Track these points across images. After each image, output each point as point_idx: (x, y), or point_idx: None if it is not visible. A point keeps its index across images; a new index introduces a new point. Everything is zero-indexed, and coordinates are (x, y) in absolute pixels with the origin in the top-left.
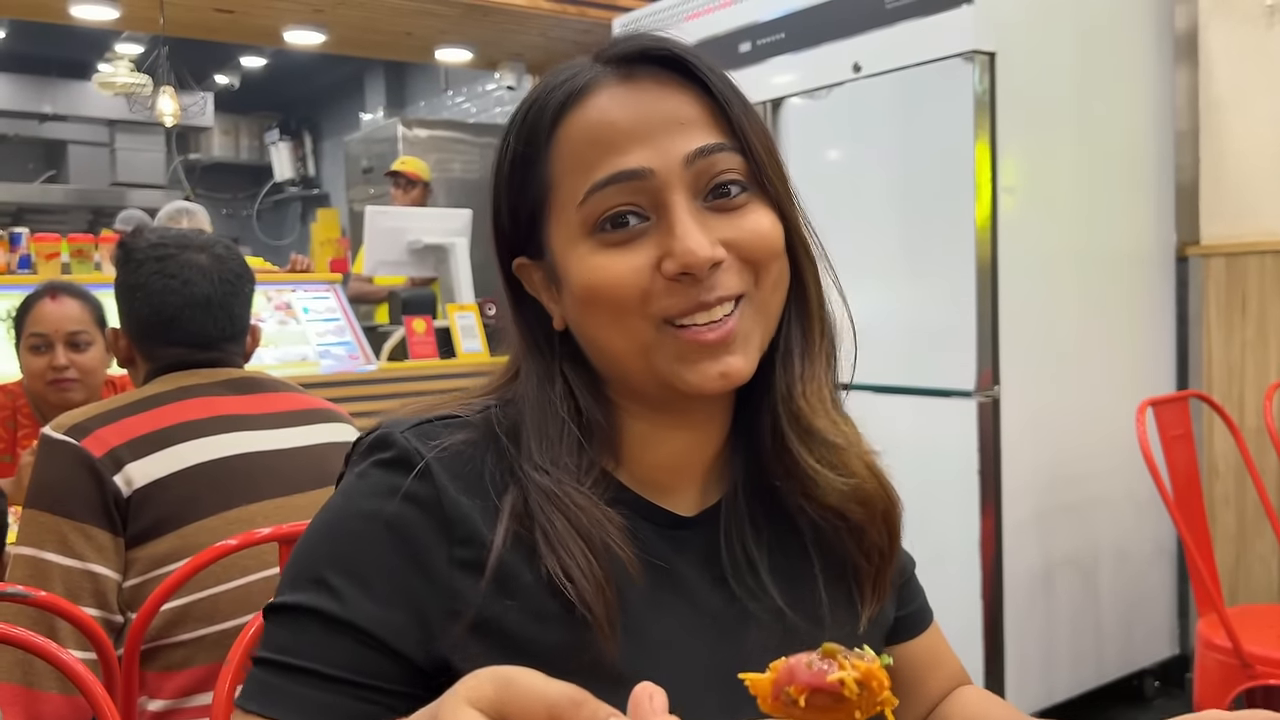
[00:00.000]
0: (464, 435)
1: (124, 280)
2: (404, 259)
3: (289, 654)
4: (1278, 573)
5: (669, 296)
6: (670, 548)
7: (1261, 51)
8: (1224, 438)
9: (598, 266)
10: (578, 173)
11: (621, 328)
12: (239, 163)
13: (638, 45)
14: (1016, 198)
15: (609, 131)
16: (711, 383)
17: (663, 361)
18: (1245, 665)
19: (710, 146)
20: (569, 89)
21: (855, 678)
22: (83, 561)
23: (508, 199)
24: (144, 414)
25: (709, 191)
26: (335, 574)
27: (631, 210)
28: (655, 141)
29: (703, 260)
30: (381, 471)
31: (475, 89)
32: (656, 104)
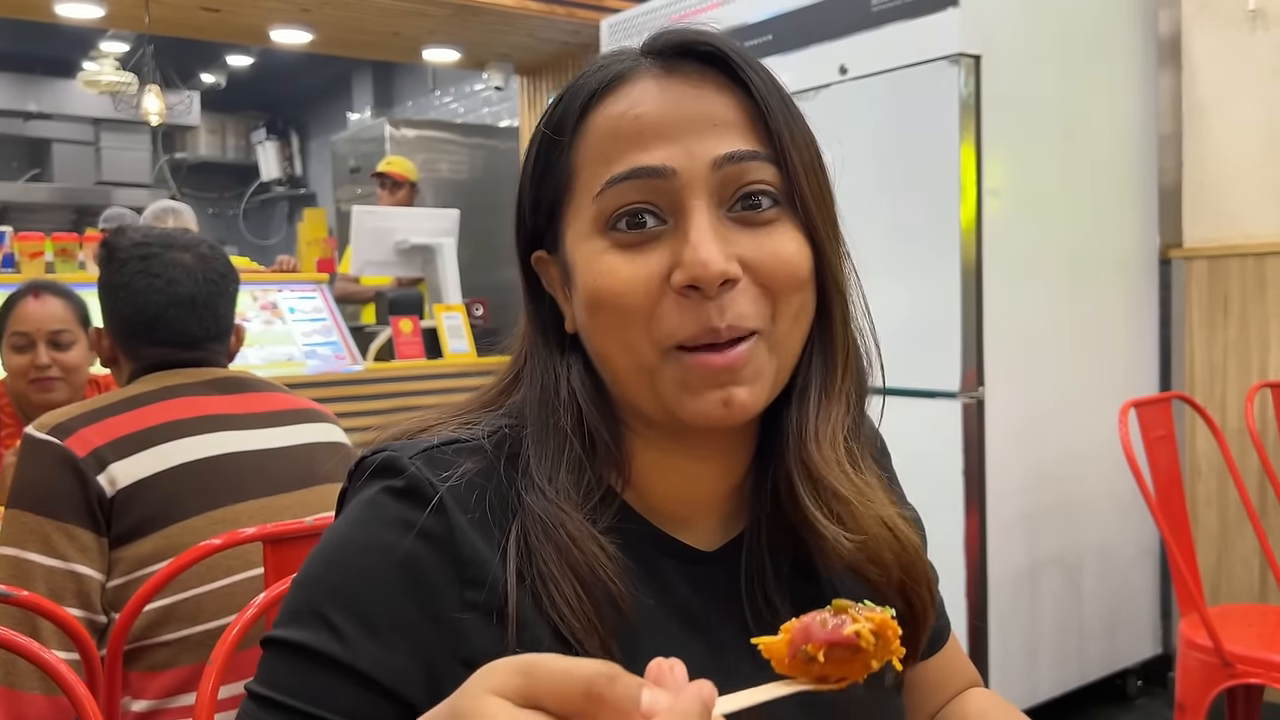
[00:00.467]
0: (473, 463)
1: (107, 280)
2: (391, 259)
3: (287, 694)
4: (1259, 573)
5: (678, 316)
6: (686, 582)
7: (1244, 56)
8: (1206, 439)
9: (606, 269)
10: (598, 163)
11: (623, 342)
12: (225, 162)
13: (681, 38)
14: (1001, 200)
15: (636, 124)
16: (714, 412)
17: (666, 387)
18: (1226, 664)
19: (742, 153)
20: (603, 77)
21: (870, 629)
22: (66, 562)
23: (531, 187)
24: (127, 414)
25: (735, 201)
26: (339, 612)
27: (648, 209)
28: (683, 140)
29: (714, 275)
30: (391, 501)
31: (463, 89)
32: (691, 101)
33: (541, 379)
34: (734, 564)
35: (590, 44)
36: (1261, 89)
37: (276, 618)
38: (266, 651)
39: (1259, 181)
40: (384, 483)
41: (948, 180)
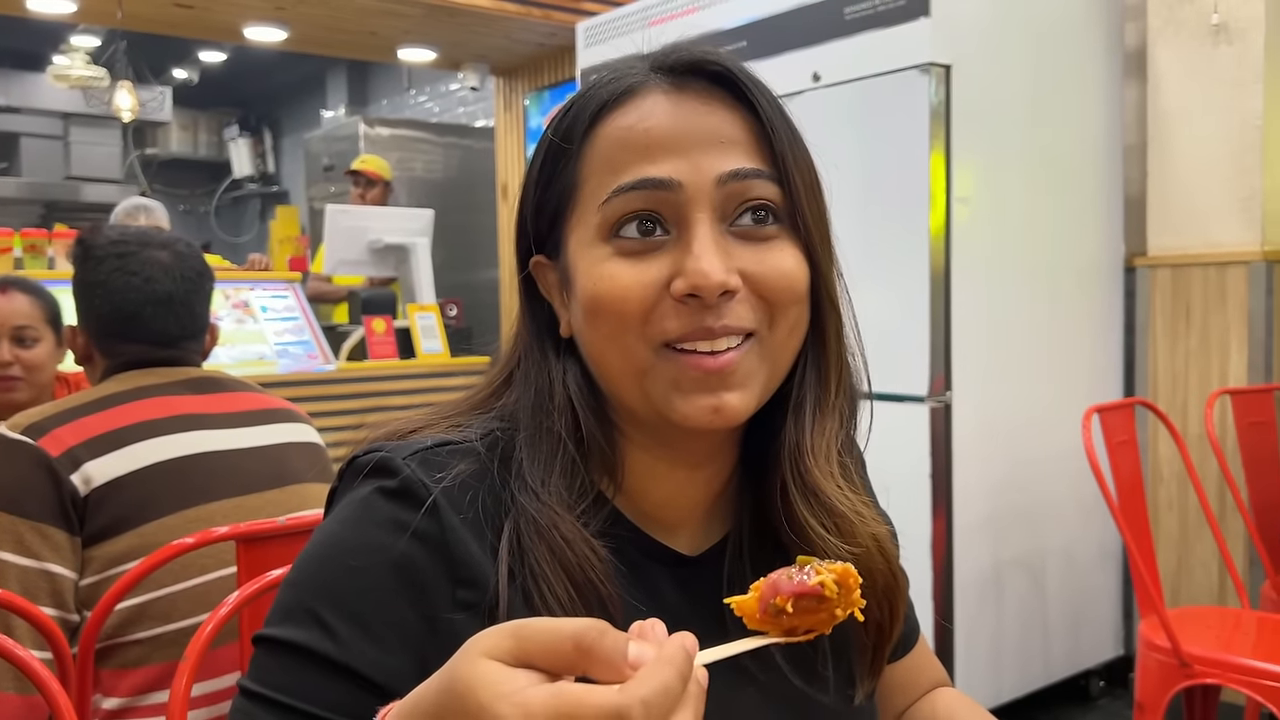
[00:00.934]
0: (466, 465)
1: (83, 277)
2: (364, 258)
3: (281, 691)
4: (1217, 576)
5: (674, 318)
6: (673, 586)
7: (1208, 69)
8: (1167, 444)
9: (607, 274)
10: (606, 173)
11: (620, 345)
12: (197, 159)
13: (692, 56)
14: (970, 208)
15: (645, 137)
16: (703, 416)
17: (657, 388)
18: (1184, 665)
19: (746, 171)
20: (614, 89)
21: (833, 579)
22: (39, 561)
23: (535, 192)
24: (101, 413)
25: (737, 216)
26: (332, 612)
27: (652, 218)
28: (690, 155)
29: (714, 284)
30: (385, 502)
31: (438, 89)
32: (699, 118)
33: (536, 382)
34: (717, 568)
35: (566, 46)
36: (1224, 101)
37: (268, 615)
38: (259, 649)
39: (1221, 192)
40: (377, 483)
41: (917, 188)
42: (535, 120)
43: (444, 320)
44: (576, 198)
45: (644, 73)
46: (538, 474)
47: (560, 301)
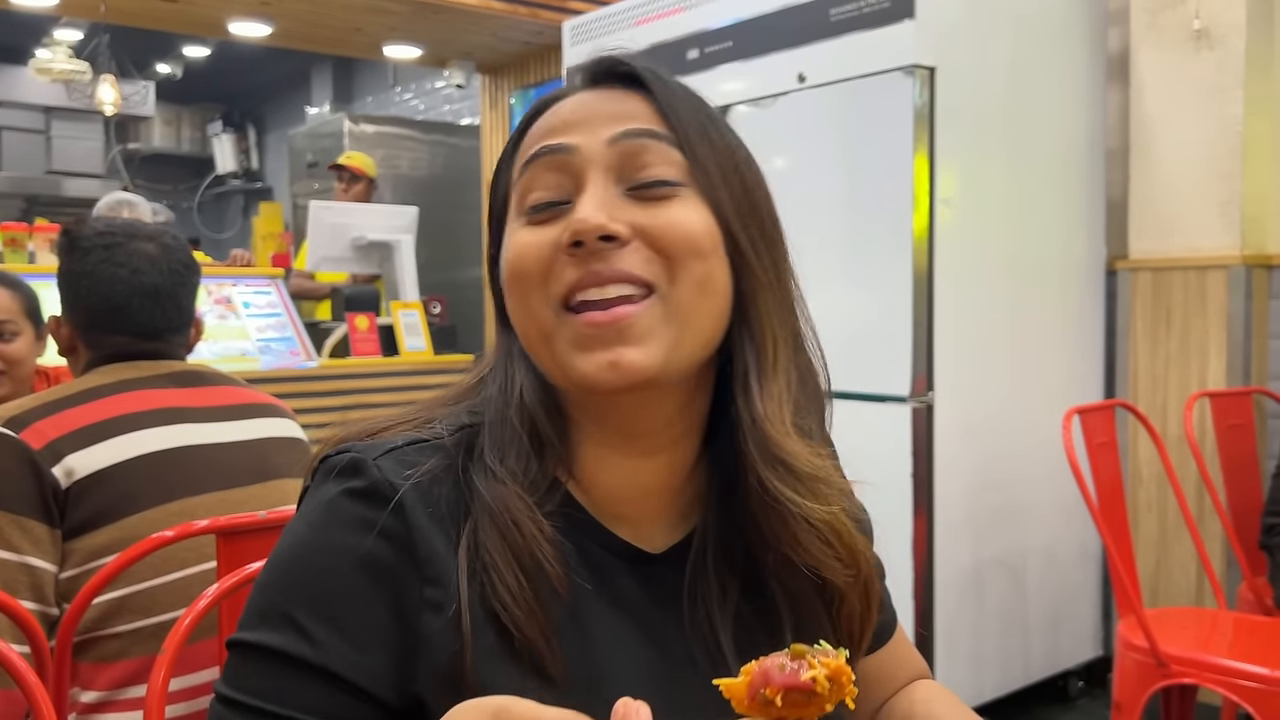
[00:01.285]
0: (435, 462)
1: (69, 268)
2: (348, 255)
3: (259, 697)
4: (1195, 577)
5: (568, 270)
6: (634, 582)
7: (1189, 74)
8: (1147, 446)
9: (515, 244)
10: (521, 160)
11: (529, 311)
12: (180, 154)
13: (602, 59)
14: (953, 209)
15: (553, 120)
16: (601, 372)
17: (560, 349)
18: (1161, 665)
19: (637, 130)
20: (545, 99)
21: (826, 674)
22: (19, 555)
23: (494, 197)
24: (83, 406)
25: (635, 184)
26: (307, 615)
27: (555, 196)
28: (586, 126)
29: (592, 226)
30: (352, 502)
31: (424, 86)
32: (603, 103)
33: (499, 378)
34: (680, 565)
35: (553, 45)
36: (1205, 106)
37: (241, 619)
38: (233, 654)
39: (1202, 196)
40: (345, 484)
41: (901, 189)
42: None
43: (428, 318)
44: (510, 195)
45: (571, 81)
46: (496, 456)
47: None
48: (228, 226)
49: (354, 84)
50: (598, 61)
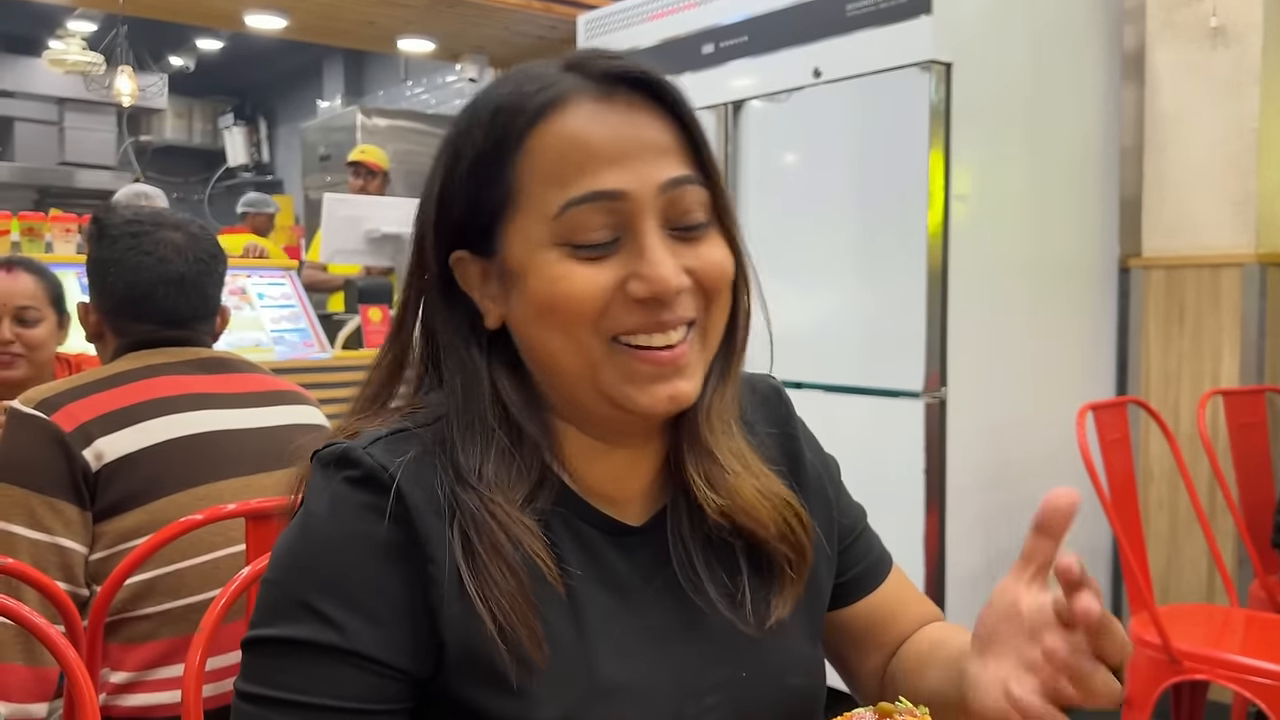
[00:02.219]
0: (416, 449)
1: (98, 255)
2: (361, 247)
3: (292, 690)
4: (1206, 574)
5: (628, 315)
6: (619, 554)
7: (1205, 72)
8: (1159, 443)
9: (561, 276)
10: (552, 185)
11: (572, 342)
12: (191, 146)
13: (617, 66)
14: (968, 206)
15: (586, 149)
16: (661, 405)
17: (611, 381)
18: (1173, 661)
19: (684, 178)
20: (545, 98)
21: None
22: (50, 535)
23: (464, 193)
24: (113, 390)
25: (678, 226)
26: (327, 603)
27: (605, 236)
28: (631, 165)
29: (674, 289)
30: (352, 490)
31: (435, 80)
32: (634, 128)
33: (461, 376)
34: (659, 535)
35: (567, 39)
36: (1220, 104)
37: (256, 618)
38: (253, 651)
39: (1216, 195)
40: (343, 473)
41: (916, 185)
42: None
43: None
44: (517, 203)
45: (566, 80)
46: (473, 464)
47: (487, 295)
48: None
49: (365, 77)
50: (611, 70)
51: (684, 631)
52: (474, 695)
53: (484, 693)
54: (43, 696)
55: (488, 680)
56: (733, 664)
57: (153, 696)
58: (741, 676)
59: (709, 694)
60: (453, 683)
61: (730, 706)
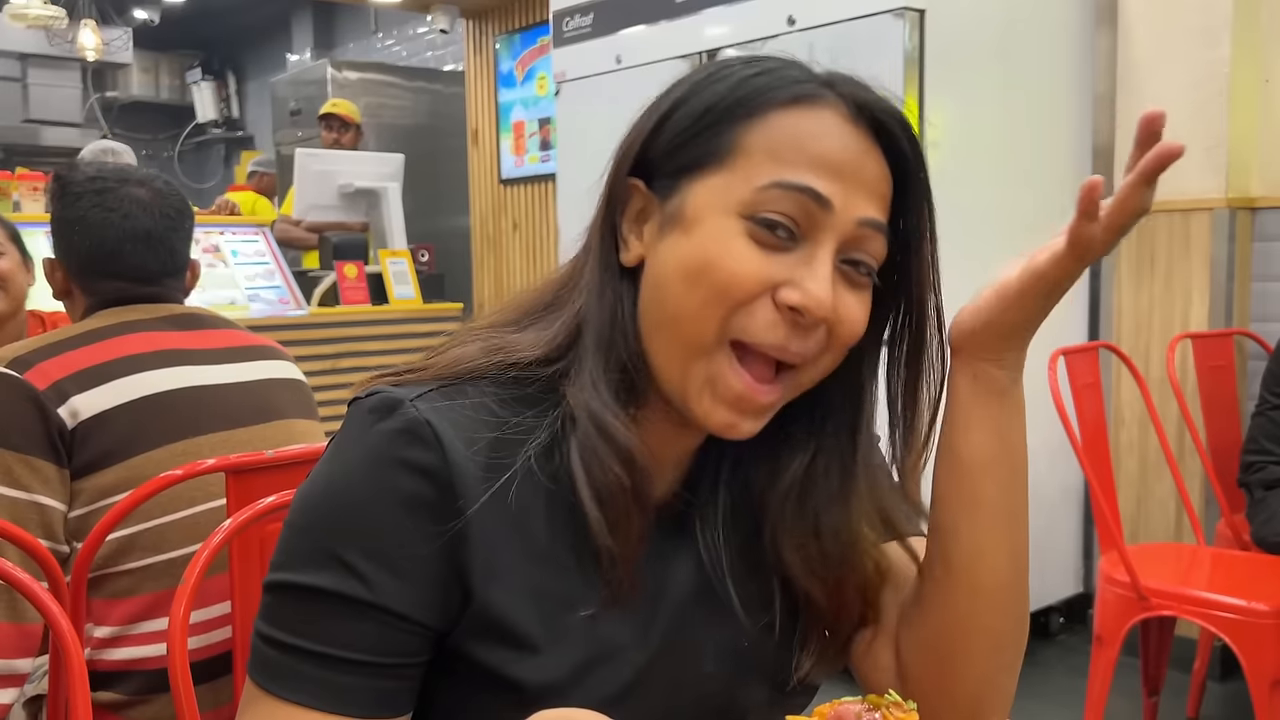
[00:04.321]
0: (480, 397)
1: (61, 214)
2: (335, 203)
3: (316, 640)
4: (1175, 515)
5: (763, 319)
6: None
7: (1177, 17)
8: (1130, 387)
9: (735, 250)
10: (773, 160)
11: (701, 315)
12: (159, 102)
13: (878, 102)
14: (942, 153)
15: (818, 148)
16: (718, 426)
17: (698, 374)
18: (1142, 598)
19: (881, 224)
20: (805, 90)
21: None
22: (29, 493)
23: (682, 131)
24: (86, 348)
25: (848, 259)
26: (356, 555)
27: (790, 225)
28: (847, 186)
29: (824, 312)
30: (391, 442)
31: (405, 32)
32: (867, 159)
33: (611, 291)
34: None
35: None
36: (1192, 51)
37: (279, 560)
38: (277, 595)
39: (1187, 140)
40: (382, 423)
41: None
42: (506, 64)
43: (416, 266)
44: (727, 162)
45: (826, 89)
46: (599, 374)
47: (635, 232)
48: (209, 176)
49: (335, 30)
50: (871, 101)
51: (699, 608)
52: (485, 653)
53: (496, 652)
54: (27, 652)
55: (502, 641)
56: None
57: (137, 650)
58: (745, 648)
59: (710, 664)
60: (467, 640)
61: (727, 681)
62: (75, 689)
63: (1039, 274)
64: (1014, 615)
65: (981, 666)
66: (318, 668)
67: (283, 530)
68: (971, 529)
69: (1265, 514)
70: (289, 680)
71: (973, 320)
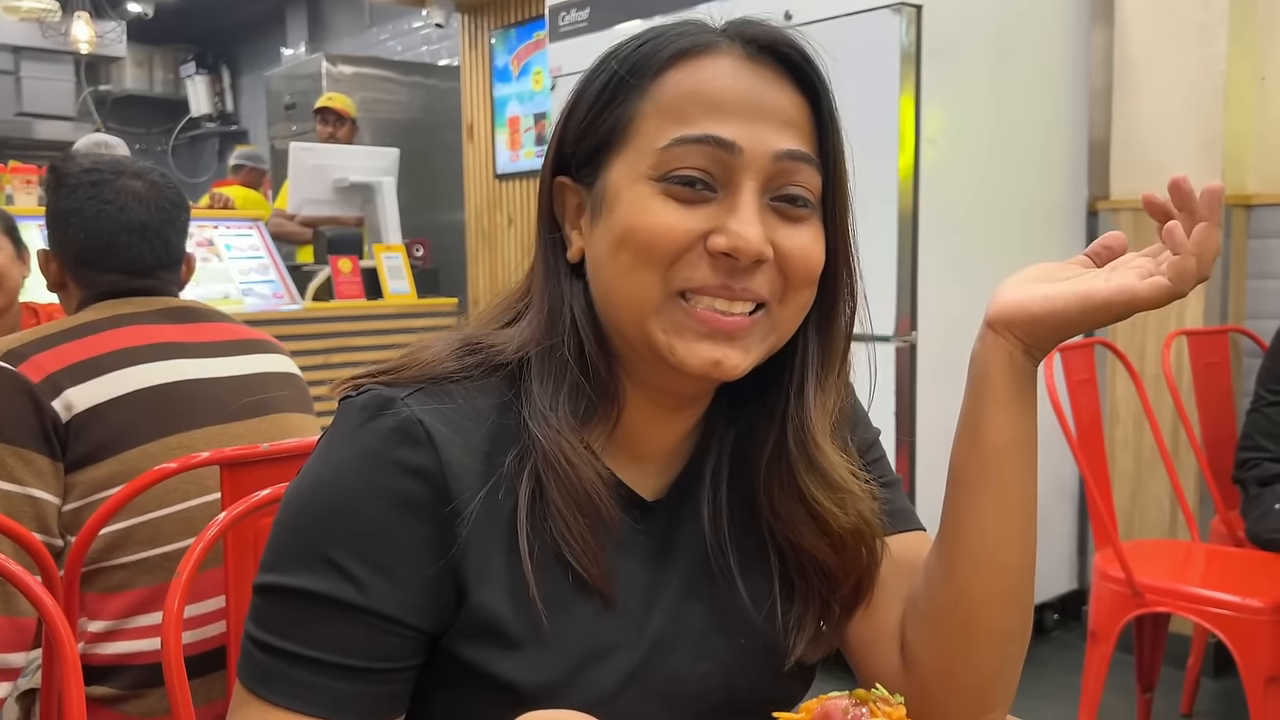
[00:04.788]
0: (466, 391)
1: (56, 206)
2: (329, 197)
3: (308, 645)
4: (1169, 511)
5: (701, 269)
6: (634, 526)
7: (1174, 15)
8: (1125, 384)
9: (650, 210)
10: (670, 119)
11: (638, 279)
12: (153, 96)
13: (771, 34)
14: (939, 149)
15: (718, 96)
16: (704, 366)
17: (661, 330)
18: (1136, 594)
19: (801, 154)
20: (693, 41)
21: None
22: (22, 486)
23: (586, 116)
24: (81, 340)
25: (778, 195)
26: (348, 557)
27: (704, 177)
28: (754, 125)
29: (753, 250)
30: (383, 441)
31: (400, 26)
32: (769, 93)
33: (549, 303)
34: (673, 513)
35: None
36: (1188, 47)
37: (269, 561)
38: (268, 598)
39: (1183, 137)
40: (374, 422)
41: (887, 128)
42: (501, 59)
43: (410, 261)
44: (630, 133)
45: (721, 36)
46: (546, 397)
47: (576, 227)
48: (203, 170)
49: (329, 24)
50: (765, 36)
51: (694, 603)
52: (476, 655)
53: (489, 653)
54: (20, 646)
55: (492, 641)
56: (733, 637)
57: (130, 644)
58: (741, 643)
59: (704, 661)
60: (458, 640)
61: (723, 675)
62: (69, 683)
63: (1133, 299)
64: (1023, 607)
65: (991, 659)
66: (309, 672)
67: (272, 530)
68: (994, 513)
69: (1259, 510)
70: (279, 685)
71: (1039, 309)
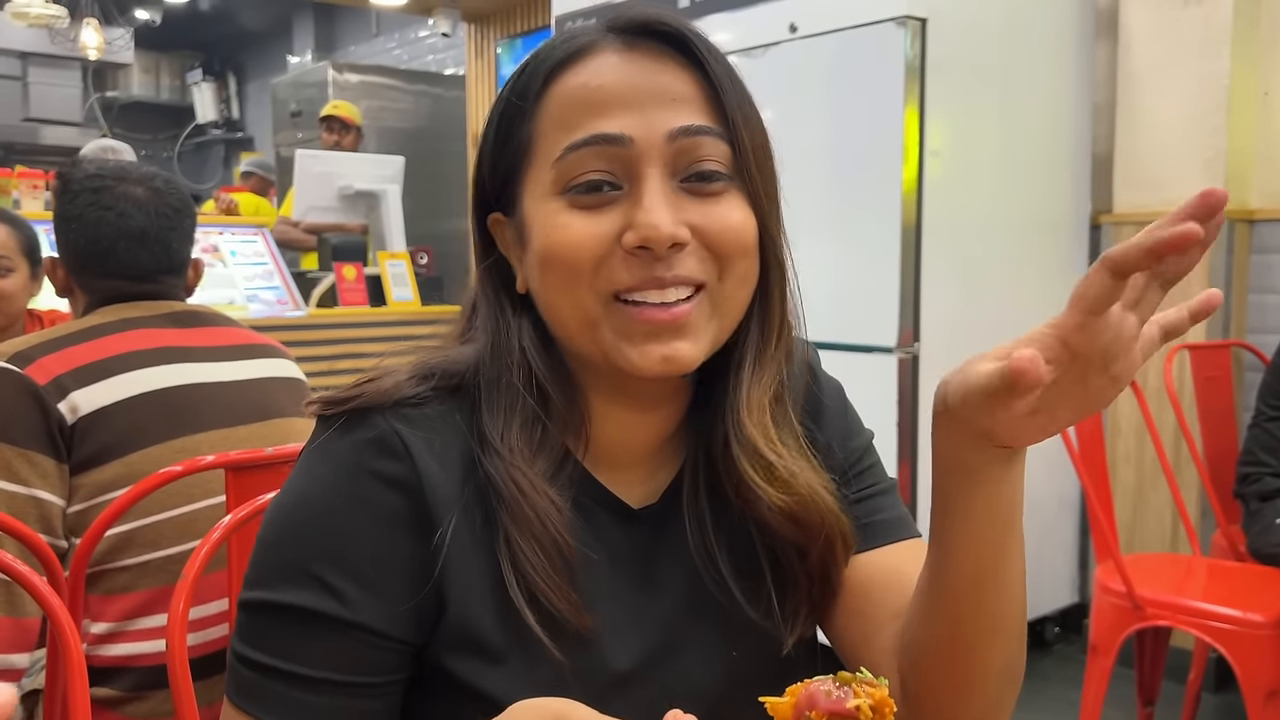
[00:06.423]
0: (436, 411)
1: (61, 211)
2: (335, 204)
3: (293, 660)
4: (1171, 524)
5: (624, 270)
6: (622, 535)
7: (1177, 30)
8: (1127, 398)
9: (560, 225)
10: (559, 130)
11: (571, 296)
12: (159, 102)
13: (642, 16)
14: (942, 162)
15: (597, 94)
16: (655, 365)
17: (607, 338)
18: (1137, 608)
19: (696, 127)
20: (569, 48)
21: (870, 704)
22: (27, 488)
23: (491, 151)
24: (87, 343)
25: (687, 175)
26: (331, 571)
27: (605, 178)
28: (642, 111)
29: (664, 236)
30: (361, 454)
31: (407, 35)
32: (650, 76)
33: (493, 337)
34: (663, 517)
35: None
36: (1191, 62)
37: (252, 577)
38: (252, 614)
39: (1186, 151)
40: (353, 436)
41: (891, 141)
42: (507, 68)
43: (414, 268)
44: (531, 154)
45: (598, 33)
46: (497, 429)
47: (516, 257)
48: (208, 177)
49: (336, 33)
50: (636, 18)
51: (687, 614)
52: (460, 667)
53: (473, 665)
54: (24, 647)
55: (476, 653)
56: (728, 644)
57: (134, 646)
58: (733, 656)
59: (696, 670)
60: (442, 653)
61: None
62: (74, 683)
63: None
64: (1020, 640)
65: (991, 692)
66: (296, 688)
67: (255, 546)
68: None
69: (1260, 525)
70: (267, 702)
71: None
